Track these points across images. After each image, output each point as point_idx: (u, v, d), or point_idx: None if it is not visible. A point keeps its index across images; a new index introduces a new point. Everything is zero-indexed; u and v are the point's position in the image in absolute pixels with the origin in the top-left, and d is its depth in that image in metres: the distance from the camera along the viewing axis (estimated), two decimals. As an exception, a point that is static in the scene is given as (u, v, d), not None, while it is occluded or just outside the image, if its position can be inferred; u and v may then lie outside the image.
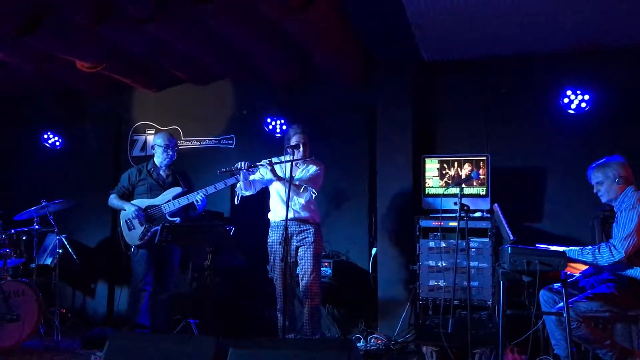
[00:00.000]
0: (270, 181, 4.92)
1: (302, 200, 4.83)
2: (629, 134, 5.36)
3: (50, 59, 5.68)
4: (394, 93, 5.84)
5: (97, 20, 4.77)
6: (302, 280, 4.82)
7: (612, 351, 3.69)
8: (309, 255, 4.81)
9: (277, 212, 4.89)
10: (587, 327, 3.68)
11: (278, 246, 4.78)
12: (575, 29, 5.04)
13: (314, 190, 4.84)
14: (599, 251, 3.71)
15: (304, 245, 4.83)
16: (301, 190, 4.80)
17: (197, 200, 5.09)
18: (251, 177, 4.90)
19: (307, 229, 4.84)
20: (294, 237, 4.83)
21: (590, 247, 3.78)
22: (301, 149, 4.82)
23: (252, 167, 4.79)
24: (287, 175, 4.60)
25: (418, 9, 4.67)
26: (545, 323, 4.01)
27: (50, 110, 7.11)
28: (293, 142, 4.82)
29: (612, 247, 3.68)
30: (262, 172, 4.93)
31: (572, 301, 3.68)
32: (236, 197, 4.92)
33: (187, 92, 6.71)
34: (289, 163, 4.62)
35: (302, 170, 4.95)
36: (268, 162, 4.75)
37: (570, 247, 3.81)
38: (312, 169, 4.93)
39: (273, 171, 4.75)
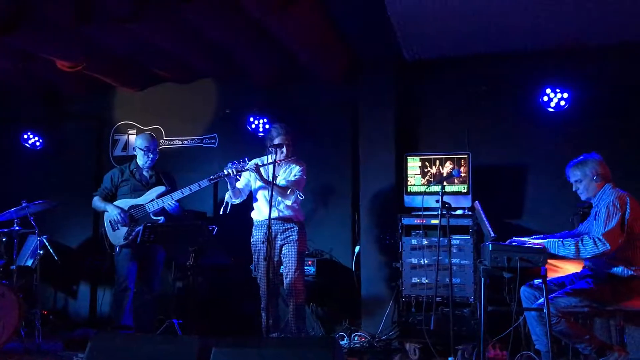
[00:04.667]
0: (258, 187, 4.92)
1: (289, 202, 4.84)
2: (607, 131, 5.43)
3: (30, 58, 5.61)
4: (376, 92, 5.87)
5: (77, 19, 4.73)
6: (286, 278, 4.83)
7: (591, 345, 3.74)
8: (293, 253, 4.82)
9: (261, 212, 4.89)
10: (567, 322, 3.72)
11: (261, 245, 4.78)
12: (554, 28, 5.10)
13: (301, 194, 4.86)
14: (582, 243, 3.69)
15: (288, 243, 4.83)
16: (288, 193, 4.80)
17: (169, 204, 5.05)
18: (237, 185, 4.91)
19: (291, 228, 4.85)
20: (278, 236, 4.83)
21: (571, 239, 3.80)
22: (284, 149, 4.83)
23: (240, 171, 4.77)
24: (268, 174, 4.60)
25: (399, 8, 4.70)
26: (526, 319, 4.06)
27: (30, 109, 7.03)
28: (276, 142, 4.82)
29: (596, 240, 3.68)
30: (248, 178, 4.94)
31: (552, 297, 3.73)
32: (223, 207, 4.90)
33: (169, 91, 6.68)
34: (268, 163, 4.62)
35: (285, 171, 4.95)
36: (255, 166, 4.74)
37: (549, 239, 3.83)
38: (295, 169, 4.93)
39: (259, 174, 4.74)
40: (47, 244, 5.66)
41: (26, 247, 6.10)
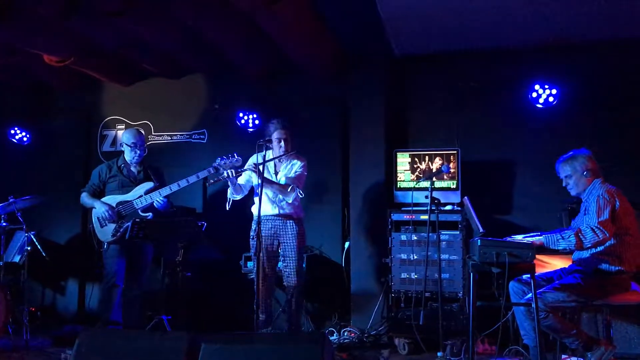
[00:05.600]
0: (259, 183, 4.91)
1: (290, 200, 4.83)
2: (595, 127, 5.47)
3: (16, 52, 5.55)
4: (366, 87, 5.87)
5: (65, 12, 4.68)
6: (285, 273, 4.85)
7: (578, 340, 3.75)
8: (292, 249, 4.83)
9: (262, 207, 4.87)
10: (555, 317, 3.74)
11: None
12: (543, 24, 5.12)
13: (301, 192, 4.86)
14: (581, 233, 3.70)
15: (287, 240, 4.84)
16: (288, 190, 4.79)
17: (157, 201, 5.03)
18: (239, 181, 4.89)
19: (290, 224, 4.86)
20: (278, 232, 4.84)
21: (569, 230, 3.81)
22: (282, 144, 4.80)
23: (238, 173, 4.76)
24: (269, 171, 4.57)
25: (389, 4, 4.69)
26: (514, 314, 4.08)
27: (17, 104, 6.96)
28: (274, 137, 4.80)
29: (594, 228, 3.69)
30: (249, 174, 4.92)
31: (540, 292, 3.74)
32: (227, 203, 4.89)
33: (158, 86, 6.64)
34: (269, 159, 4.59)
35: (287, 166, 4.93)
36: (253, 166, 4.72)
37: (546, 235, 3.84)
38: (297, 164, 4.92)
39: (260, 174, 4.72)
40: (34, 240, 5.61)
41: (13, 243, 6.05)
